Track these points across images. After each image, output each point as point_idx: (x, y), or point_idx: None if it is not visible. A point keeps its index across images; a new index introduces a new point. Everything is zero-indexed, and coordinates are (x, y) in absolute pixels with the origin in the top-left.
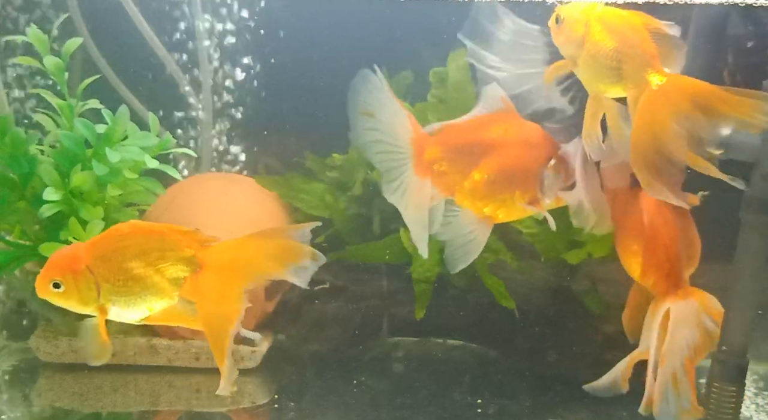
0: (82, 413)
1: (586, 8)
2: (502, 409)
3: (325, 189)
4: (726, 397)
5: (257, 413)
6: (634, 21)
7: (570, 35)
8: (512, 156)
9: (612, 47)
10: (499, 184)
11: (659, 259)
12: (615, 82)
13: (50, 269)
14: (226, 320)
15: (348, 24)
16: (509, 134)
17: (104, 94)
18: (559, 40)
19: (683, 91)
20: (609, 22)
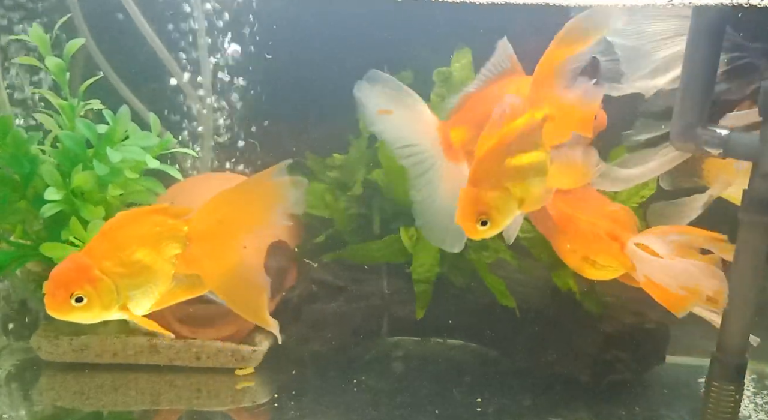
0: (83, 412)
1: None
2: (501, 408)
3: (325, 189)
4: (725, 396)
5: (257, 412)
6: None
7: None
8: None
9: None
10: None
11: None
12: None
13: (66, 285)
14: (243, 278)
15: (348, 24)
16: (522, 95)
17: (105, 94)
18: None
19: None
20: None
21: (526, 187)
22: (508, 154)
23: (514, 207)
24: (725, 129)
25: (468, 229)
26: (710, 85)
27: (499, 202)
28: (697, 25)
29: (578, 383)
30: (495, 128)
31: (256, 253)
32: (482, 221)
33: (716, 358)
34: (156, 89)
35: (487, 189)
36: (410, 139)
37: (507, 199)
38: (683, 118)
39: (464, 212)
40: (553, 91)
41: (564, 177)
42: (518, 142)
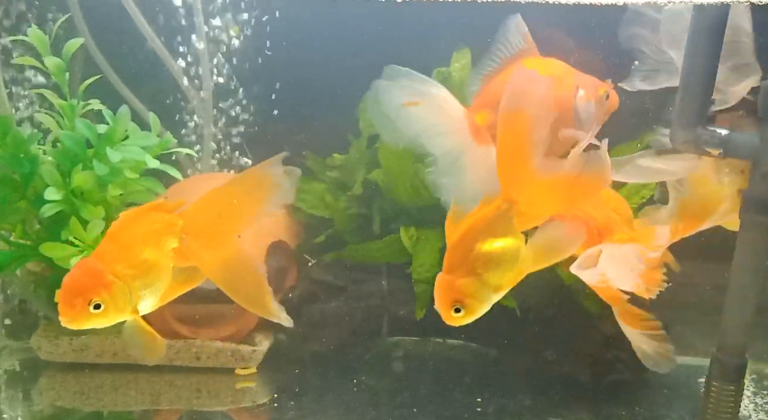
0: (83, 412)
1: None
2: (501, 408)
3: (325, 189)
4: (725, 396)
5: (257, 412)
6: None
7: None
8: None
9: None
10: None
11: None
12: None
13: (84, 293)
14: (241, 267)
15: (348, 24)
16: (528, 84)
17: (105, 94)
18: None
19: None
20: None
21: (501, 273)
22: (478, 240)
23: (490, 293)
24: (725, 129)
25: (444, 316)
26: (710, 85)
27: (472, 288)
28: (697, 25)
29: (578, 383)
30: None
31: (253, 244)
32: (456, 308)
33: (716, 358)
34: (156, 89)
35: (461, 276)
36: (439, 129)
37: (481, 286)
38: (683, 118)
39: (439, 299)
40: (526, 173)
41: (581, 186)
42: (488, 228)
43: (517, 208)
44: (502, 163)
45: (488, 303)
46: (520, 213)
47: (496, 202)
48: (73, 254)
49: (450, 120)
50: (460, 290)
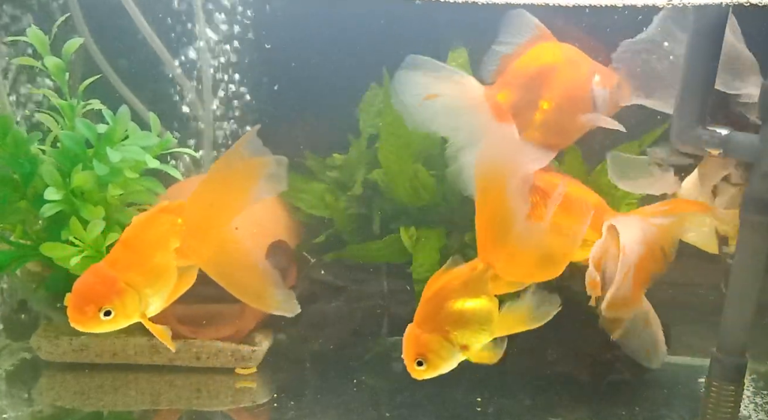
0: (84, 412)
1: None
2: (501, 408)
3: (325, 189)
4: (725, 396)
5: (257, 412)
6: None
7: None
8: (567, 78)
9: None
10: (565, 109)
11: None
12: None
13: (95, 300)
14: (241, 261)
15: (348, 24)
16: (557, 58)
17: (105, 94)
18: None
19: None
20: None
21: (469, 333)
22: (450, 298)
23: (455, 352)
24: (725, 129)
25: (407, 366)
26: (710, 85)
27: (437, 345)
28: (697, 25)
29: (578, 383)
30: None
31: (253, 237)
32: (418, 361)
33: (716, 358)
34: (156, 89)
35: (427, 331)
36: (461, 111)
37: (446, 344)
38: (683, 118)
39: (404, 350)
40: (505, 239)
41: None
42: (462, 287)
43: (493, 272)
44: (480, 226)
45: (453, 361)
46: (495, 277)
47: (473, 263)
48: (73, 254)
49: (470, 102)
50: (424, 345)
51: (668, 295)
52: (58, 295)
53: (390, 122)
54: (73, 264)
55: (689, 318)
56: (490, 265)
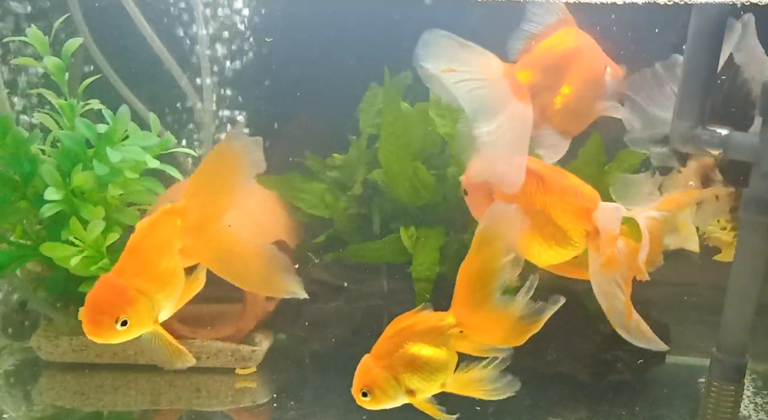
0: (83, 412)
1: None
2: (501, 408)
3: (325, 189)
4: (725, 396)
5: (257, 412)
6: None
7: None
8: (588, 65)
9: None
10: (583, 96)
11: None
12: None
13: (110, 312)
14: (242, 253)
15: (347, 24)
16: (579, 43)
17: (105, 94)
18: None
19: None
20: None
21: (418, 379)
22: (411, 341)
23: (400, 393)
24: (725, 129)
25: (353, 392)
26: (710, 85)
27: (384, 383)
28: (697, 25)
29: (578, 383)
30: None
31: (251, 227)
32: (363, 392)
33: (716, 358)
34: (156, 89)
35: (380, 366)
36: (480, 84)
37: (393, 384)
38: (683, 118)
39: (355, 377)
40: (482, 303)
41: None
42: (426, 333)
43: (462, 329)
44: (461, 282)
45: (396, 401)
46: (461, 336)
47: (443, 315)
48: (73, 254)
49: (490, 73)
50: (373, 378)
51: (668, 295)
52: (58, 295)
53: (390, 122)
54: (73, 264)
55: (689, 318)
56: (459, 322)
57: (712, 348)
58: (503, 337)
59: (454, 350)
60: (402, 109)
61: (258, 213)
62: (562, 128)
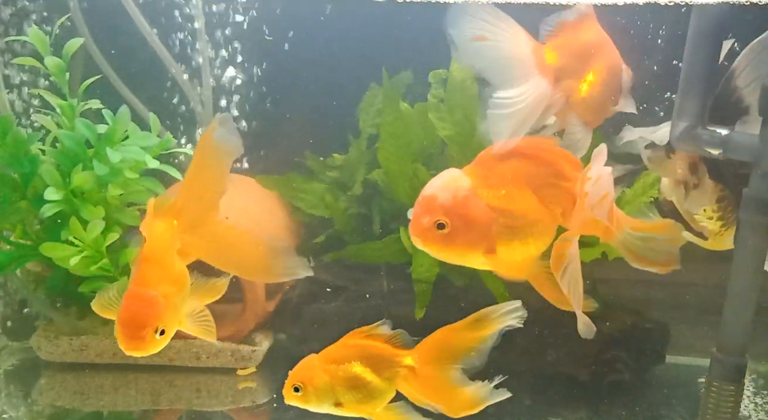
0: (84, 412)
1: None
2: (501, 408)
3: (325, 189)
4: (725, 396)
5: (257, 412)
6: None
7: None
8: (612, 57)
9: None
10: (606, 85)
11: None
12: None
13: (150, 324)
14: (240, 243)
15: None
16: (603, 35)
17: (105, 94)
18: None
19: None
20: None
21: (349, 398)
22: (359, 359)
23: (329, 402)
24: (725, 129)
25: (285, 385)
26: (710, 85)
27: (320, 384)
28: (697, 25)
29: (578, 383)
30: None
31: (246, 216)
32: (295, 387)
33: (716, 358)
34: (156, 89)
35: (324, 368)
36: (507, 57)
37: (326, 390)
38: (683, 118)
39: (294, 370)
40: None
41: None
42: (376, 360)
43: (413, 376)
44: (432, 339)
45: (320, 407)
46: (408, 377)
47: (405, 353)
48: (73, 254)
49: (518, 48)
50: (310, 377)
51: (668, 295)
52: (58, 295)
53: (390, 122)
54: (73, 264)
55: (689, 318)
56: (415, 368)
57: (712, 348)
58: (444, 404)
59: (395, 387)
60: (401, 109)
61: (258, 213)
62: (583, 119)
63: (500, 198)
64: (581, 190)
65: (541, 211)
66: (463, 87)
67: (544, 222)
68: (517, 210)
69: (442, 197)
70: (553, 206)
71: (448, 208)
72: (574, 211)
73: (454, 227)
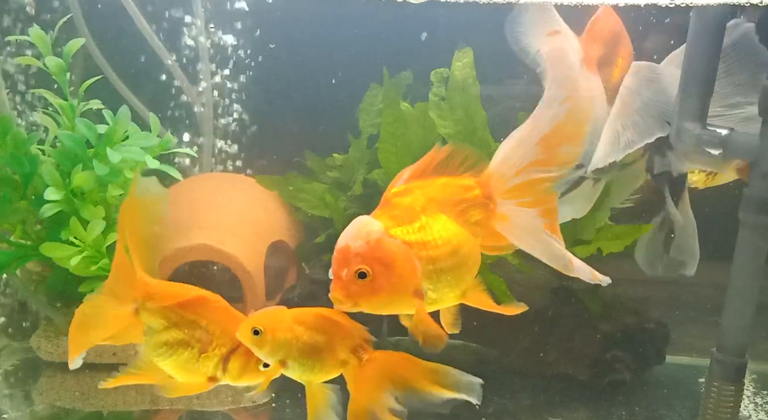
0: (84, 412)
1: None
2: (501, 408)
3: (325, 189)
4: (725, 396)
5: (257, 413)
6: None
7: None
8: (627, 42)
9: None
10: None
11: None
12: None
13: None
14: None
15: (347, 24)
16: (621, 24)
17: (105, 94)
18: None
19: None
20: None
21: (299, 361)
22: (324, 330)
23: (277, 357)
24: (725, 129)
25: (246, 322)
26: (710, 85)
27: (278, 336)
28: (697, 25)
29: (578, 383)
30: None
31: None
32: (255, 330)
33: (716, 358)
34: (156, 89)
35: (289, 327)
36: (564, 50)
37: (281, 344)
38: (683, 118)
39: (262, 312)
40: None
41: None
42: (340, 341)
43: (358, 369)
44: (399, 360)
45: (267, 357)
46: (354, 370)
47: (366, 352)
48: (73, 254)
49: (570, 43)
50: (273, 326)
51: (668, 295)
52: (58, 295)
53: (390, 122)
54: (73, 264)
55: (689, 318)
56: (363, 367)
57: (712, 348)
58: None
59: (340, 372)
60: (402, 109)
61: (258, 213)
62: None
63: (416, 232)
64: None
65: (463, 234)
66: (464, 86)
67: (468, 244)
68: (438, 239)
69: (356, 245)
70: (470, 223)
71: (365, 254)
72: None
73: (375, 272)
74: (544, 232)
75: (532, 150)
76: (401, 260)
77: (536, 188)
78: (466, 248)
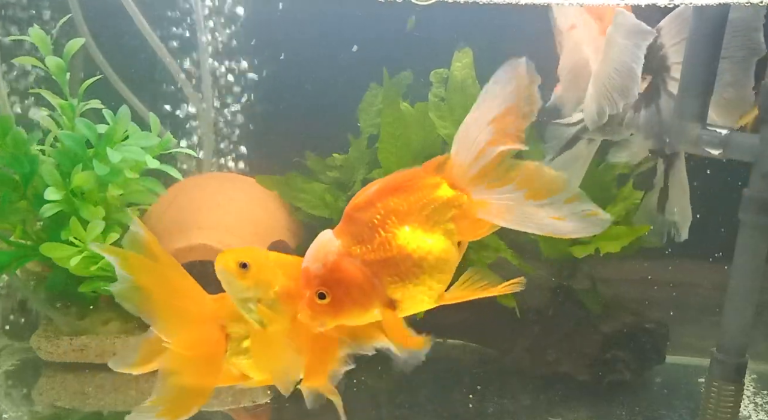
0: (84, 412)
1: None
2: (501, 408)
3: (325, 189)
4: (725, 396)
5: (257, 412)
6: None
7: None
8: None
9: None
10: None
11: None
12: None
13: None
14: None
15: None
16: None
17: (105, 94)
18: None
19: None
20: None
21: (270, 308)
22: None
23: (255, 296)
24: (725, 129)
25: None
26: (710, 85)
27: (263, 277)
28: (697, 25)
29: (578, 383)
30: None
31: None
32: (242, 263)
33: (716, 358)
34: (156, 89)
35: (274, 267)
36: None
37: (263, 284)
38: (683, 118)
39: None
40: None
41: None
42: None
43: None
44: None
45: (245, 293)
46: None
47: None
48: (73, 254)
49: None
50: (262, 268)
51: (668, 295)
52: (58, 295)
53: (390, 122)
54: (73, 264)
55: (689, 318)
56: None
57: (712, 348)
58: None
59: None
60: (401, 109)
61: (258, 213)
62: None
63: (375, 251)
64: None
65: (430, 240)
66: (463, 86)
67: (437, 248)
68: (398, 255)
69: (314, 268)
70: (445, 220)
71: (323, 276)
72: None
73: (335, 295)
74: (526, 204)
75: (486, 129)
76: (359, 281)
77: (502, 164)
78: (435, 254)
